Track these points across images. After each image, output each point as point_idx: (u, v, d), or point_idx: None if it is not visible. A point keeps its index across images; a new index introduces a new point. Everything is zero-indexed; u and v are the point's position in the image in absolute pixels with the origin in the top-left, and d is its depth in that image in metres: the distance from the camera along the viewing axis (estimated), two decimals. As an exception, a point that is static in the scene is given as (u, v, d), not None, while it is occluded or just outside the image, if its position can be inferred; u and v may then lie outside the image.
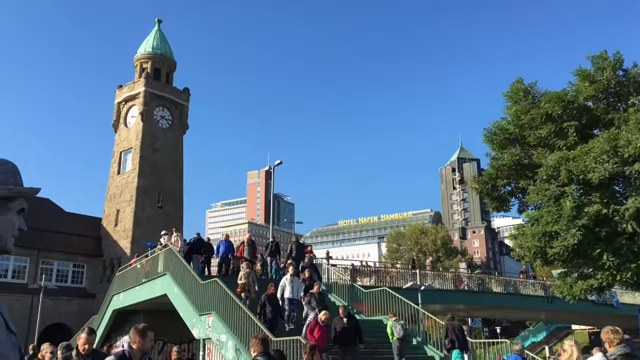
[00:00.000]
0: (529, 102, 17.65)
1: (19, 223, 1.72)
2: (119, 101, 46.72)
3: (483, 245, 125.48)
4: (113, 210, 44.11)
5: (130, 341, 4.76)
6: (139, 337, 4.67)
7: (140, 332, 4.70)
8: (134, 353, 4.62)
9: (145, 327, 4.83)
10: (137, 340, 4.66)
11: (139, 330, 4.75)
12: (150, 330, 4.89)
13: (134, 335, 4.71)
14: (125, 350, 4.69)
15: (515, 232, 17.53)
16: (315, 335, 12.56)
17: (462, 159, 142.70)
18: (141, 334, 4.69)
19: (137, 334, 4.70)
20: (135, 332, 4.72)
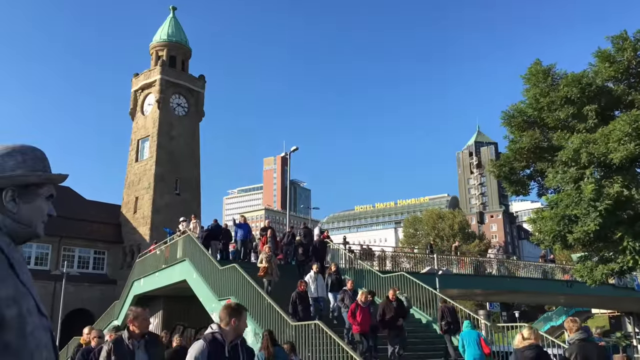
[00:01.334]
0: (548, 84, 17.35)
1: (48, 209, 1.75)
2: (136, 89, 47.02)
3: (501, 230, 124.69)
4: (132, 197, 44.64)
5: (221, 322, 4.06)
6: (234, 316, 4.00)
7: (235, 311, 4.04)
8: (227, 336, 3.97)
9: (240, 305, 4.18)
10: (232, 321, 3.99)
11: (233, 308, 4.09)
12: (245, 309, 4.25)
13: (226, 314, 4.02)
14: (216, 333, 3.97)
15: (534, 216, 17.36)
16: (358, 318, 12.07)
17: (479, 142, 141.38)
18: (236, 312, 4.03)
19: (231, 313, 4.03)
20: (228, 311, 4.05)
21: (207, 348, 3.83)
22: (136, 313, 5.00)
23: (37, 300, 1.64)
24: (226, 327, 3.99)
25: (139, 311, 5.07)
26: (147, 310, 5.23)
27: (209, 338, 3.91)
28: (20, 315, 1.53)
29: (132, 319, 4.97)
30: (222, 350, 3.88)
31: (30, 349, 1.54)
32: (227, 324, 4.00)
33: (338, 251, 21.76)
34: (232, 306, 4.09)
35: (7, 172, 1.65)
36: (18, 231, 1.67)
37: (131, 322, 4.92)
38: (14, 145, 1.72)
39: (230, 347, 3.94)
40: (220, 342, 3.90)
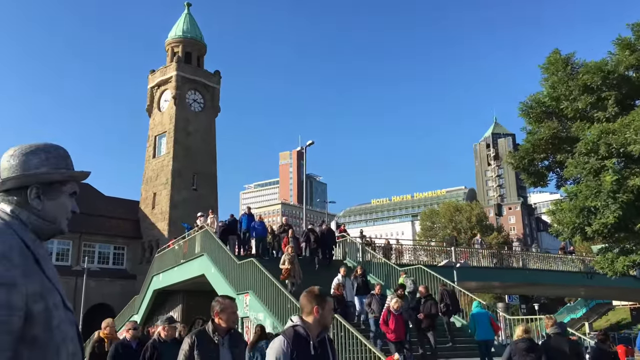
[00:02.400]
0: (567, 74, 17.09)
1: (72, 205, 1.79)
2: (152, 86, 47.39)
3: (520, 222, 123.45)
4: (150, 193, 45.10)
5: (302, 311, 3.42)
6: (318, 304, 3.34)
7: (318, 297, 3.37)
8: (311, 329, 3.30)
9: (324, 292, 3.49)
10: (314, 310, 3.33)
11: (316, 294, 3.39)
12: (330, 296, 3.64)
13: (308, 302, 3.37)
14: (298, 326, 3.31)
15: (553, 207, 17.17)
16: (391, 326, 11.51)
17: (496, 134, 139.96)
18: (320, 299, 3.36)
19: (313, 300, 3.35)
20: (310, 298, 3.38)
21: (289, 346, 3.17)
22: (223, 304, 4.35)
23: (62, 295, 1.68)
24: (309, 316, 3.33)
25: (227, 302, 4.40)
26: (235, 302, 4.50)
27: (290, 333, 3.25)
28: (46, 309, 1.57)
29: (219, 311, 4.32)
30: (307, 347, 3.21)
31: (56, 342, 1.58)
32: (309, 313, 3.33)
33: (354, 244, 21.75)
34: (314, 292, 3.39)
35: (31, 170, 1.69)
36: (43, 228, 1.71)
37: (217, 314, 4.31)
38: (38, 144, 1.76)
39: (316, 343, 3.28)
40: (304, 337, 3.24)
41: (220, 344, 4.23)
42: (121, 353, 6.98)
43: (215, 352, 4.19)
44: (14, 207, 1.68)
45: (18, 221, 1.66)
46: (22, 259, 1.55)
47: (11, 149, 1.73)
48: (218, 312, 4.33)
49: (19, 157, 1.71)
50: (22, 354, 1.51)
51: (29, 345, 1.53)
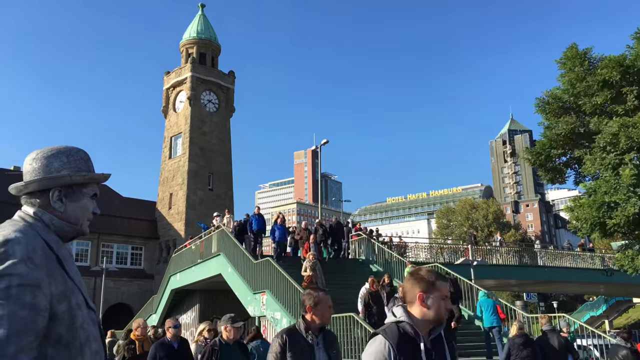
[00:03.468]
0: (585, 69, 16.85)
1: (93, 207, 1.82)
2: (167, 87, 47.76)
3: (537, 219, 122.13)
4: (166, 194, 45.47)
5: (405, 299, 2.50)
6: (426, 290, 2.43)
7: (427, 282, 2.44)
8: (420, 326, 2.41)
9: (435, 271, 2.54)
10: (418, 297, 2.43)
11: (424, 278, 2.45)
12: (445, 277, 2.50)
13: (413, 285, 2.46)
14: (403, 323, 2.41)
15: (572, 203, 16.94)
16: None
17: (513, 131, 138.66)
18: (429, 284, 2.43)
19: (419, 284, 2.44)
20: (415, 281, 2.46)
21: (394, 351, 2.32)
22: (317, 298, 3.73)
23: (85, 295, 1.71)
24: (414, 309, 2.44)
25: (321, 296, 3.76)
26: (329, 296, 3.84)
27: (392, 333, 2.38)
28: (70, 309, 1.60)
29: (312, 305, 3.72)
30: (415, 349, 2.36)
31: (80, 341, 1.61)
32: (412, 299, 2.44)
33: (370, 243, 21.69)
34: (420, 274, 2.48)
35: (53, 173, 1.73)
36: (65, 229, 1.74)
37: (310, 309, 3.71)
38: (60, 147, 1.79)
39: (429, 343, 2.41)
40: (411, 335, 2.38)
41: (315, 344, 3.66)
42: (162, 355, 6.38)
43: (310, 354, 3.61)
44: (37, 210, 1.72)
45: (41, 223, 1.69)
46: (46, 260, 1.58)
47: (33, 152, 1.77)
48: (311, 306, 3.72)
49: (41, 160, 1.74)
50: (46, 352, 1.54)
51: (54, 344, 1.56)
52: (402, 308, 2.50)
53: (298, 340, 3.65)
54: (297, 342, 3.64)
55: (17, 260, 1.50)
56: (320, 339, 3.71)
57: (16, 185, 1.74)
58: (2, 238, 1.54)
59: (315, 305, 3.73)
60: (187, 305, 27.53)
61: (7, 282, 1.47)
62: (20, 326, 1.45)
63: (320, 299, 3.73)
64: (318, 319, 3.73)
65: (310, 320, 3.73)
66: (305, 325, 3.71)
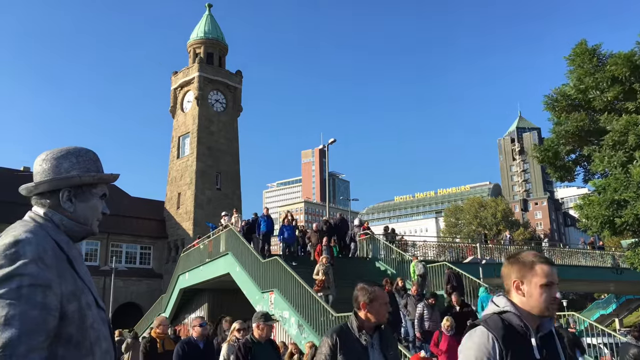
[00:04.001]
0: (594, 65, 16.72)
1: (102, 207, 1.84)
2: (175, 87, 47.93)
3: (546, 217, 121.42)
4: (174, 193, 45.65)
5: (504, 283, 2.16)
6: (532, 272, 2.08)
7: (526, 264, 2.10)
8: (528, 318, 2.06)
9: (539, 254, 2.18)
10: (514, 285, 2.11)
11: (524, 260, 2.12)
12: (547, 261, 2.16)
13: (515, 267, 2.12)
14: (508, 313, 2.06)
15: (581, 201, 16.84)
16: (442, 347, 9.97)
17: (521, 128, 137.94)
18: (527, 268, 2.10)
19: (520, 270, 2.10)
20: (514, 266, 2.12)
21: (499, 344, 1.97)
22: (373, 293, 3.33)
23: (95, 294, 1.72)
24: (514, 298, 2.10)
25: (377, 291, 3.36)
26: (385, 292, 3.48)
27: (495, 325, 2.01)
28: (80, 309, 1.61)
29: (367, 301, 3.31)
30: (525, 344, 2.00)
31: (90, 340, 1.63)
32: (509, 287, 2.13)
33: (379, 242, 21.67)
34: (517, 256, 2.15)
35: (63, 174, 1.74)
36: (75, 229, 1.76)
37: (364, 306, 3.31)
38: (69, 148, 1.80)
39: (539, 340, 2.05)
40: (520, 330, 2.02)
41: (369, 345, 3.24)
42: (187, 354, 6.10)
43: (364, 357, 3.20)
44: (47, 210, 1.73)
45: (51, 223, 1.71)
46: (56, 260, 1.59)
47: (43, 153, 1.79)
48: (365, 303, 3.31)
49: (51, 161, 1.76)
50: (57, 352, 1.56)
51: (64, 343, 1.57)
52: (504, 297, 2.15)
53: (350, 341, 3.24)
54: (349, 343, 3.23)
55: (28, 261, 1.52)
56: (376, 339, 3.29)
57: (26, 186, 1.76)
58: (13, 238, 1.56)
59: (370, 302, 3.30)
60: (195, 304, 27.64)
61: (18, 282, 1.49)
62: (32, 326, 1.47)
63: (377, 295, 3.32)
64: (373, 317, 3.30)
65: (364, 319, 3.31)
66: (358, 324, 3.29)
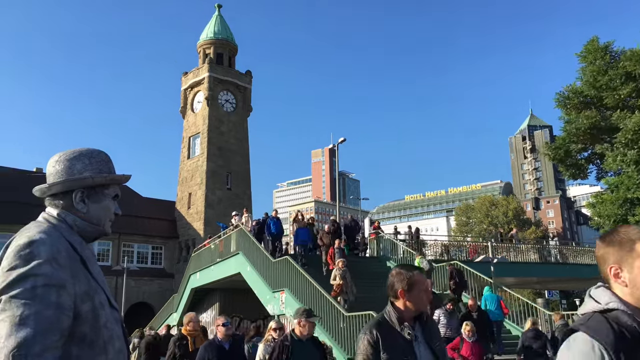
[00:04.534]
0: (606, 62, 16.57)
1: (115, 208, 1.86)
2: (185, 88, 48.14)
3: (558, 215, 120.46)
4: (185, 193, 45.87)
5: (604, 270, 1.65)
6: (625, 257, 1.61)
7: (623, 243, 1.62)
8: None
9: None
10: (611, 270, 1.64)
11: (618, 239, 1.64)
12: None
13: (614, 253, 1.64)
14: (617, 312, 1.58)
15: (594, 200, 16.72)
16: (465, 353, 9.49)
17: (532, 126, 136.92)
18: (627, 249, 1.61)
19: (618, 252, 1.63)
20: (611, 248, 1.64)
21: (608, 355, 1.50)
22: (412, 278, 2.88)
23: (108, 294, 1.74)
24: (616, 289, 1.65)
25: (417, 276, 2.90)
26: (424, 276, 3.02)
27: (599, 326, 1.57)
28: (94, 309, 1.63)
29: (406, 288, 2.87)
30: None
31: (104, 339, 1.64)
32: (606, 275, 1.66)
33: (390, 241, 21.63)
34: (614, 235, 1.67)
35: (75, 175, 1.76)
36: (88, 230, 1.78)
37: (402, 294, 2.87)
38: (81, 149, 1.82)
39: None
40: (633, 334, 1.54)
41: (413, 338, 2.81)
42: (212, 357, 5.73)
43: (409, 352, 2.76)
44: (61, 211, 1.75)
45: (64, 224, 1.72)
46: (70, 261, 1.61)
47: (56, 155, 1.80)
48: (404, 290, 2.86)
49: (64, 162, 1.77)
50: (71, 351, 1.57)
51: (78, 343, 1.59)
52: (606, 289, 1.65)
53: (392, 336, 2.80)
54: (391, 338, 2.78)
55: (42, 261, 1.53)
56: (418, 331, 2.88)
57: (40, 187, 1.78)
58: (27, 239, 1.58)
59: (409, 289, 2.86)
60: (207, 303, 27.75)
61: (32, 282, 1.50)
62: (46, 325, 1.48)
63: (416, 280, 2.89)
64: (413, 306, 2.87)
65: (403, 308, 2.87)
66: (397, 315, 2.85)
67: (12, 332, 1.45)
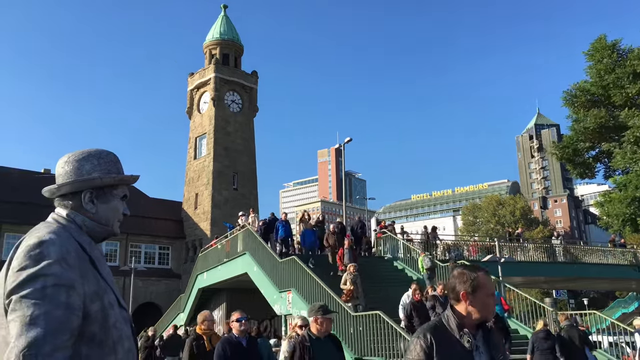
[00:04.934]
0: (614, 60, 16.47)
1: (123, 208, 1.87)
2: (191, 88, 48.26)
3: (566, 215, 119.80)
4: (192, 194, 45.98)
5: None
6: None
7: None
8: None
9: None
10: None
11: None
12: None
13: None
14: None
15: (602, 198, 16.65)
16: None
17: (539, 125, 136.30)
18: None
19: None
20: None
21: None
22: (476, 280, 2.49)
23: (117, 294, 1.75)
24: None
25: (482, 277, 2.50)
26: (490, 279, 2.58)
27: None
28: (103, 308, 1.64)
29: (469, 291, 2.48)
30: None
31: (113, 339, 1.65)
32: None
33: (397, 241, 21.58)
34: None
35: (84, 176, 1.77)
36: (97, 230, 1.79)
37: (465, 297, 2.49)
38: (90, 150, 1.83)
39: None
40: None
41: (474, 347, 2.45)
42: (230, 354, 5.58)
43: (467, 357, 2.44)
44: (70, 211, 1.77)
45: (74, 224, 1.74)
46: (79, 261, 1.62)
47: (65, 156, 1.82)
48: (467, 293, 2.49)
49: (73, 163, 1.79)
50: (81, 351, 1.58)
51: (88, 342, 1.60)
52: None
53: (449, 343, 2.45)
54: (447, 346, 2.44)
55: (52, 261, 1.54)
56: (480, 340, 2.49)
57: (49, 187, 1.79)
58: (37, 239, 1.59)
59: (473, 292, 2.49)
60: (214, 303, 27.82)
61: (42, 283, 1.51)
62: (56, 325, 1.49)
63: (481, 282, 2.50)
64: (477, 312, 2.49)
65: (464, 314, 2.50)
66: (457, 321, 2.48)
67: (22, 332, 1.46)
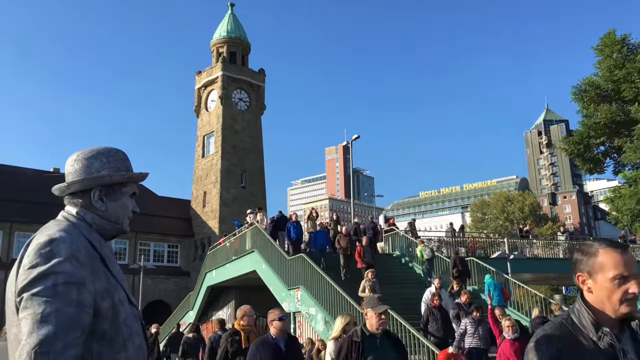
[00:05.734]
0: (624, 55, 16.32)
1: (132, 206, 1.88)
2: (199, 87, 48.38)
3: (576, 211, 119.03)
4: (200, 192, 46.15)
5: None
6: None
7: None
8: None
9: None
10: None
11: None
12: None
13: None
14: None
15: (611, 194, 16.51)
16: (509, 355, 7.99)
17: (548, 121, 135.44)
18: None
19: None
20: None
21: None
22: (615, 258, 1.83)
23: (127, 291, 1.76)
24: None
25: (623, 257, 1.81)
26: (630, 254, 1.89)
27: None
28: (113, 306, 1.65)
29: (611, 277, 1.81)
30: None
31: (123, 336, 1.66)
32: None
33: (405, 238, 21.55)
34: None
35: (94, 174, 1.78)
36: (107, 228, 1.80)
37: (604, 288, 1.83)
38: (99, 148, 1.84)
39: None
40: None
41: (618, 350, 1.73)
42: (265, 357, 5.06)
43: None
44: (79, 209, 1.77)
45: (84, 222, 1.74)
46: (89, 259, 1.63)
47: (74, 154, 1.82)
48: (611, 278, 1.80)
49: (82, 161, 1.79)
50: (92, 348, 1.59)
51: (98, 339, 1.61)
52: None
53: (583, 349, 1.77)
54: (582, 352, 1.76)
55: (62, 259, 1.55)
56: (627, 342, 1.78)
57: (59, 186, 1.80)
58: (48, 237, 1.59)
59: (614, 279, 1.80)
60: (222, 301, 27.93)
61: (53, 280, 1.52)
62: (67, 322, 1.50)
63: (623, 263, 1.81)
64: (625, 308, 1.77)
65: (599, 309, 1.82)
66: (591, 319, 1.81)
67: (34, 330, 1.47)
